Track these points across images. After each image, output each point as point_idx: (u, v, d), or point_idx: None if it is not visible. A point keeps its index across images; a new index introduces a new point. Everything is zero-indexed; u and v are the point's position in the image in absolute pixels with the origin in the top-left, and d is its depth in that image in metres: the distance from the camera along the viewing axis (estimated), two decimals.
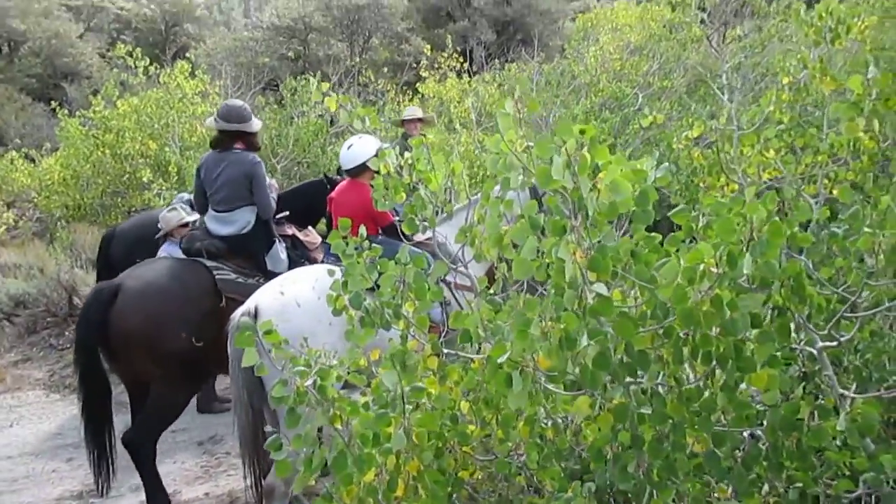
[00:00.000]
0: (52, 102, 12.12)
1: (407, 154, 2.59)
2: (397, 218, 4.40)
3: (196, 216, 5.17)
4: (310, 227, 5.04)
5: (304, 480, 1.94)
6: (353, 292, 2.26)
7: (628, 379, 1.74)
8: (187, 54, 10.71)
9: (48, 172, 10.72)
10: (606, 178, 1.63)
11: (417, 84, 13.25)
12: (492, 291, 2.63)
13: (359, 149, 4.42)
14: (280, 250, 4.56)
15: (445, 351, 2.35)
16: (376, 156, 4.40)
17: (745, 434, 1.84)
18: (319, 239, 4.66)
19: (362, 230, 2.36)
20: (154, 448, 4.10)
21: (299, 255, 4.65)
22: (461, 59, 14.47)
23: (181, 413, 4.18)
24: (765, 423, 1.79)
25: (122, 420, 4.45)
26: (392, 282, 2.29)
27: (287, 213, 4.78)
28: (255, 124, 4.61)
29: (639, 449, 1.83)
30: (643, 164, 1.80)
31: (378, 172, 4.51)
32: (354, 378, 2.21)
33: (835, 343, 1.92)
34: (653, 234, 1.75)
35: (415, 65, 15.99)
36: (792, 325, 1.76)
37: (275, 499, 3.56)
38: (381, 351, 2.47)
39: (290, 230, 4.81)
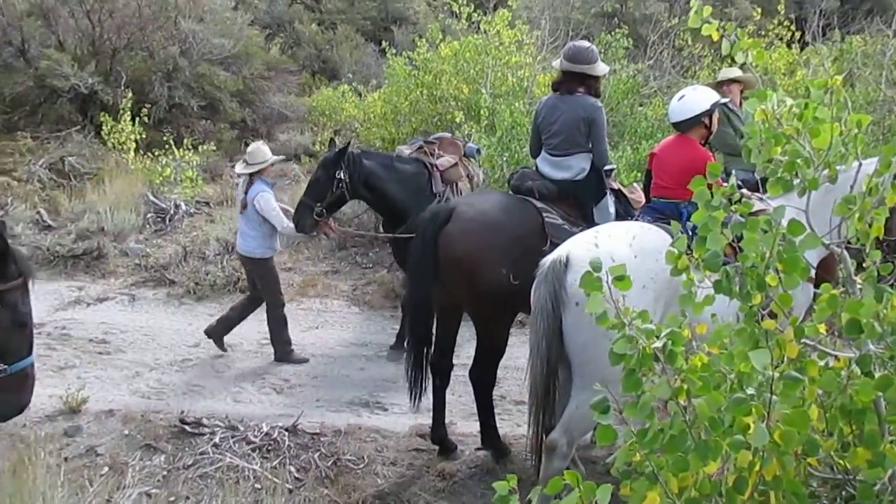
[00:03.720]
0: (383, 43, 13.00)
1: (790, 101, 2.16)
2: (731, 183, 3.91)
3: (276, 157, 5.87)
4: (635, 185, 4.74)
5: (629, 455, 1.69)
6: (709, 251, 1.93)
7: None
8: (508, 3, 10.76)
9: (371, 106, 11.57)
10: None
11: (731, 54, 12.06)
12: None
13: (691, 101, 3.99)
14: (609, 203, 4.33)
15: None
16: (712, 109, 4.04)
17: None
18: (644, 198, 4.34)
19: (732, 180, 2.00)
20: (491, 380, 4.27)
21: (625, 211, 4.38)
22: (793, 28, 12.92)
23: (504, 344, 4.22)
24: None
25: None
26: (757, 247, 1.92)
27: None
28: (601, 68, 4.37)
29: None
30: None
31: (707, 127, 4.10)
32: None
33: None
34: None
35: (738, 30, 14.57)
36: None
37: (555, 457, 3.39)
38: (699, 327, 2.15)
39: (616, 184, 4.55)
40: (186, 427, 4.46)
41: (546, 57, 11.21)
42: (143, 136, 10.89)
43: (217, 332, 5.87)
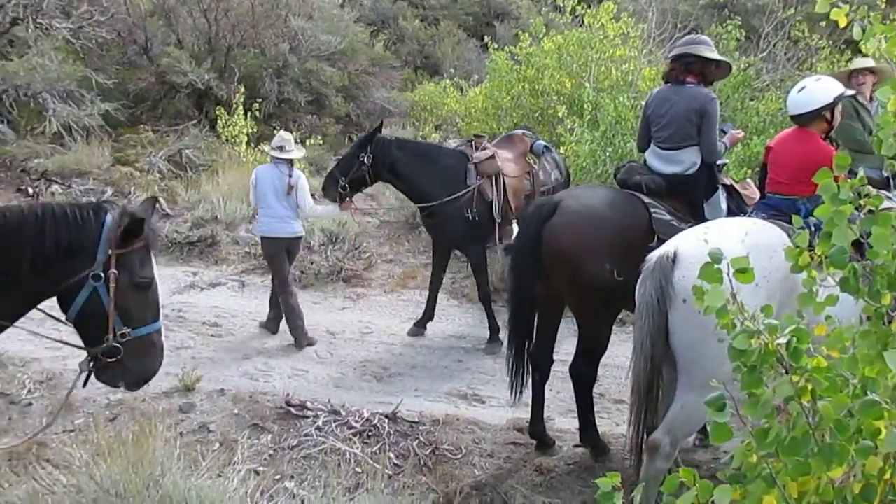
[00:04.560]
0: (485, 38, 13.02)
1: None
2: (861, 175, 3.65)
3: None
4: (748, 180, 4.55)
5: (745, 455, 1.63)
6: (835, 248, 1.83)
7: None
8: None
9: (473, 101, 11.64)
10: None
11: (861, 42, 11.34)
12: None
13: (813, 92, 3.78)
14: (721, 199, 4.18)
15: None
16: (835, 102, 3.82)
17: None
18: (758, 194, 4.17)
19: (861, 172, 1.89)
20: (591, 377, 4.20)
21: (737, 208, 4.22)
22: None
23: (606, 340, 4.15)
24: None
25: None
26: (888, 244, 1.81)
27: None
28: (714, 54, 4.23)
29: None
30: None
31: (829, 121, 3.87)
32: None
33: None
34: None
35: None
36: None
37: (657, 457, 3.31)
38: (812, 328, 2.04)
39: (728, 180, 4.39)
40: (291, 409, 4.62)
41: (652, 50, 10.94)
42: (255, 129, 11.34)
43: (299, 334, 5.96)
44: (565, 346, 4.70)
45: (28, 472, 3.56)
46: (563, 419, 4.76)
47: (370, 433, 4.38)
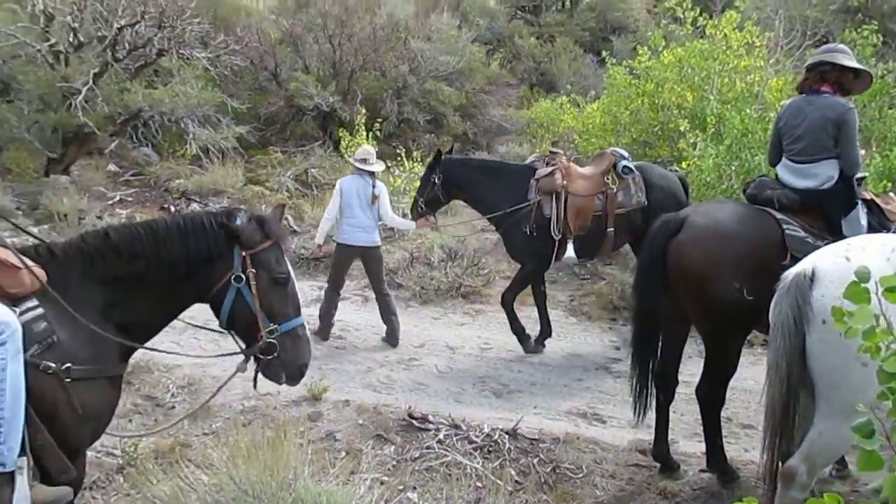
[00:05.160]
0: (602, 53, 12.91)
1: None
2: None
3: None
4: (891, 194, 4.29)
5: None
6: None
7: None
8: (736, 4, 10.19)
9: (590, 117, 11.54)
10: None
11: None
12: None
13: None
14: (861, 215, 3.94)
15: None
16: None
17: None
18: None
19: None
20: (720, 399, 4.07)
21: (879, 223, 3.98)
22: None
23: (735, 362, 4.00)
24: None
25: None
26: None
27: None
28: (851, 62, 4.02)
29: None
30: None
31: None
32: None
33: None
34: None
35: None
36: None
37: (793, 486, 3.15)
38: None
39: (868, 194, 4.14)
40: (414, 422, 4.71)
41: (779, 60, 10.48)
42: (376, 149, 11.70)
43: (323, 327, 6.45)
44: (690, 367, 4.57)
45: (173, 469, 3.80)
46: (687, 442, 4.62)
47: (490, 448, 4.40)
